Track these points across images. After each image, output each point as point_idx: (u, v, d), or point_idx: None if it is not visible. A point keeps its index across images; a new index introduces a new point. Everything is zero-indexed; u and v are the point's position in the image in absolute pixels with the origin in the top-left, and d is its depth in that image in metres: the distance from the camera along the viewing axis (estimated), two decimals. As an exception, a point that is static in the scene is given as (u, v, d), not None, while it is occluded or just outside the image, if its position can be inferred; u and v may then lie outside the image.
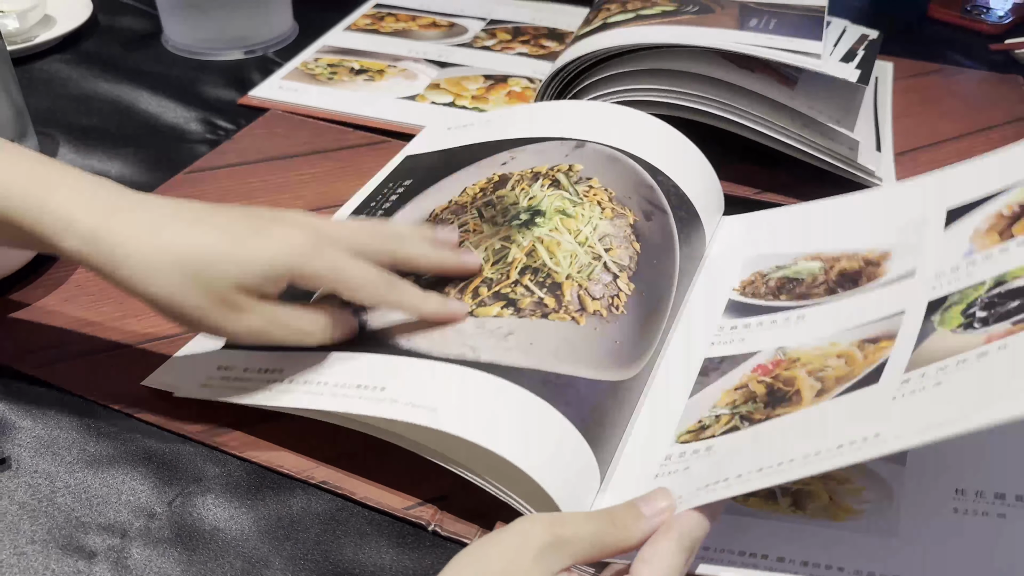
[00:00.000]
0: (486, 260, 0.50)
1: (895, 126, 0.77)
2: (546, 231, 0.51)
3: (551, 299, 0.47)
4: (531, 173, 0.56)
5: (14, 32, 0.85)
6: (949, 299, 0.43)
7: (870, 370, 0.41)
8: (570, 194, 0.53)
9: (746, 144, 0.68)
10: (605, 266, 0.49)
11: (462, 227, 0.53)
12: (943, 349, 0.39)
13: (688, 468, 0.42)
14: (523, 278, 0.48)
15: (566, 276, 0.48)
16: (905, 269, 0.48)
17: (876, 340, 0.44)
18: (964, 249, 0.46)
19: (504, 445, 0.39)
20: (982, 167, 0.53)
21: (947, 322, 0.41)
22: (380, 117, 0.77)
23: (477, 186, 0.57)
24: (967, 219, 0.49)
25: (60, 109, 0.78)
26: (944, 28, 0.99)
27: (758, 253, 0.57)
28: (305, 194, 0.67)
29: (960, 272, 0.44)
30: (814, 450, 0.36)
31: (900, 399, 0.37)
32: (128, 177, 0.69)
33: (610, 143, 0.59)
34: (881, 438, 0.35)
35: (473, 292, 0.48)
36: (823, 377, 0.43)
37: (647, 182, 0.56)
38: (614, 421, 0.44)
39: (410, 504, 0.44)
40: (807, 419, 0.41)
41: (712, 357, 0.49)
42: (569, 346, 0.45)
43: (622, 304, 0.48)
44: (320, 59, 0.87)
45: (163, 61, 0.87)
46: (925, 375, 0.38)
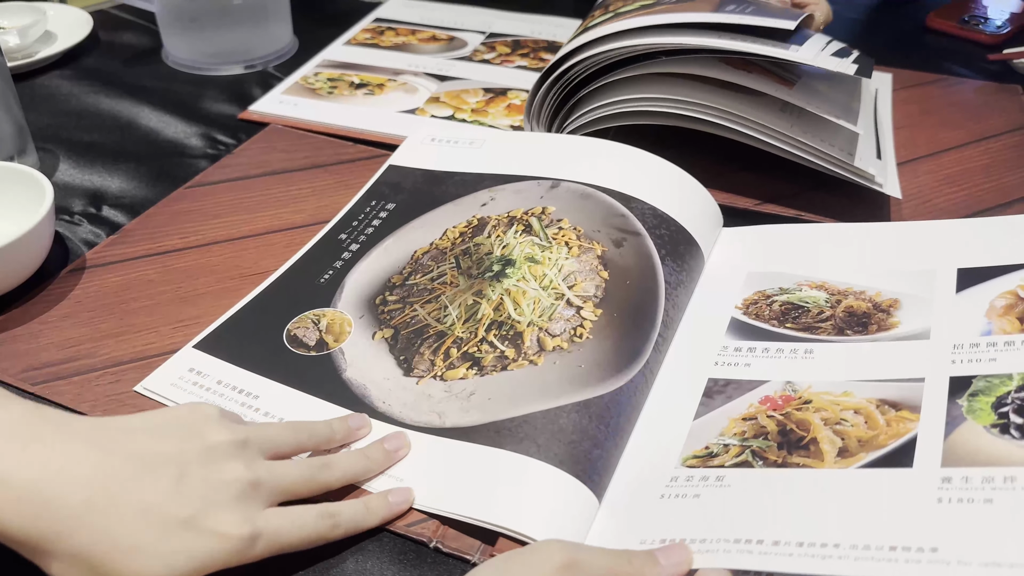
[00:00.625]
0: (459, 317, 0.53)
1: (896, 136, 0.77)
2: (514, 281, 0.55)
3: (511, 350, 0.51)
4: (507, 218, 0.60)
5: (15, 48, 0.86)
6: (974, 384, 0.44)
7: (898, 445, 0.42)
8: (540, 239, 0.57)
9: (746, 154, 0.68)
10: (568, 302, 0.53)
11: (439, 277, 0.56)
12: (982, 452, 0.40)
13: (699, 496, 0.42)
14: (489, 334, 0.52)
15: (528, 323, 0.52)
16: (919, 328, 0.49)
17: (896, 405, 0.44)
18: (981, 327, 0.48)
19: (467, 505, 0.43)
20: (995, 229, 0.55)
21: (977, 415, 0.42)
22: (380, 131, 0.77)
23: (457, 229, 0.60)
24: (980, 289, 0.51)
25: (61, 125, 0.78)
26: (942, 38, 0.99)
27: (761, 270, 0.58)
28: (306, 208, 0.67)
29: (980, 351, 0.46)
30: (862, 541, 0.37)
31: (947, 504, 0.38)
32: (129, 192, 0.69)
33: (585, 180, 0.62)
34: (940, 557, 0.35)
35: (444, 353, 0.51)
36: (843, 432, 0.43)
37: (618, 212, 0.59)
38: (593, 435, 0.45)
39: (412, 521, 0.44)
40: (838, 485, 0.41)
41: (716, 378, 0.49)
42: (524, 389, 0.48)
43: (586, 331, 0.51)
44: (320, 73, 0.87)
45: (163, 76, 0.87)
46: (969, 481, 0.38)
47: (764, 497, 0.41)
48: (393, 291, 0.56)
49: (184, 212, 0.67)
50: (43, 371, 0.52)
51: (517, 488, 0.43)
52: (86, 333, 0.55)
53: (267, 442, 0.42)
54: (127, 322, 0.56)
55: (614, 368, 0.49)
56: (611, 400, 0.47)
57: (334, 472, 0.43)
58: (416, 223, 0.62)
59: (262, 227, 0.65)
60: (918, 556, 0.35)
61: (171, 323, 0.56)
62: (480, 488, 0.43)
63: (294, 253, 0.61)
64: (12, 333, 0.55)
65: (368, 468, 0.44)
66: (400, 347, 0.52)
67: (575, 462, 0.44)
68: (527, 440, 0.45)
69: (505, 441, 0.45)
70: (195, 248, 0.63)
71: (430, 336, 0.53)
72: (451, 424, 0.47)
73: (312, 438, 0.45)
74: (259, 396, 0.49)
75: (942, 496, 0.38)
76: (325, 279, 0.58)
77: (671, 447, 0.46)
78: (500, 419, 0.46)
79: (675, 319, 0.54)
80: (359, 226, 0.63)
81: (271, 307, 0.56)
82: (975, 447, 0.40)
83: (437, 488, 0.44)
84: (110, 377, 0.52)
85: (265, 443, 0.42)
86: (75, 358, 0.53)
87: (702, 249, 0.59)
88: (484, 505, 0.42)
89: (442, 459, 0.45)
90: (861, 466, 0.41)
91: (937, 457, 0.40)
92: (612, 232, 0.58)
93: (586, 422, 0.46)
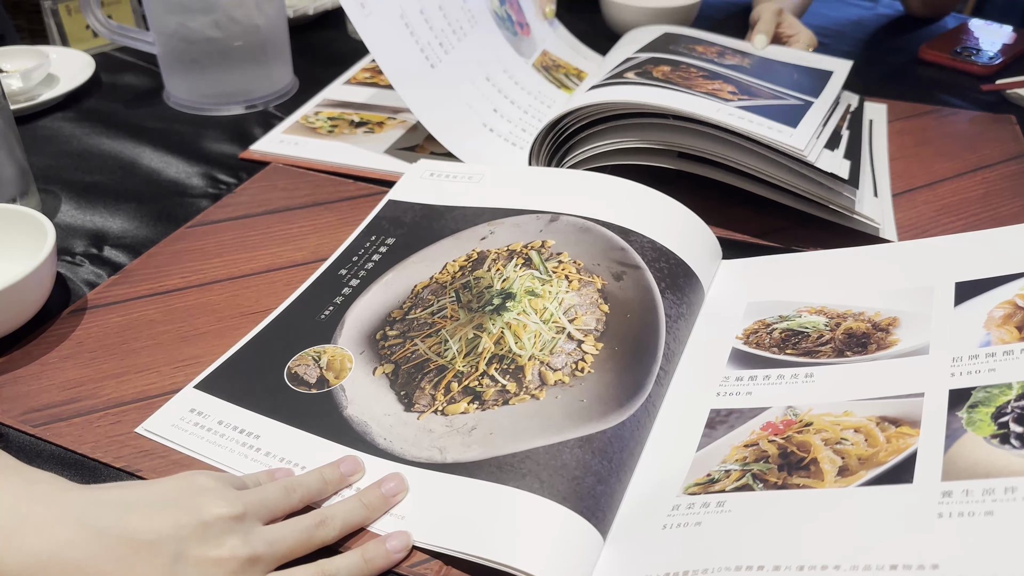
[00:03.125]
0: (459, 351, 0.53)
1: (892, 167, 0.78)
2: (514, 315, 0.55)
3: (513, 384, 0.51)
4: (507, 251, 0.60)
5: (18, 91, 0.86)
6: (974, 395, 0.43)
7: (898, 460, 0.41)
8: (540, 272, 0.58)
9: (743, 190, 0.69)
10: (568, 336, 0.53)
11: (440, 311, 0.56)
12: (982, 463, 0.39)
13: (700, 524, 0.41)
14: (490, 368, 0.52)
15: (529, 357, 0.52)
16: (918, 343, 0.49)
17: (896, 422, 0.44)
18: (980, 338, 0.47)
19: (463, 541, 0.42)
20: (991, 242, 0.55)
21: (978, 425, 0.41)
22: (381, 168, 0.77)
23: (456, 263, 0.60)
24: (979, 301, 0.50)
25: (62, 166, 0.79)
26: (936, 70, 1.00)
27: (760, 300, 0.58)
28: (307, 245, 0.67)
29: (979, 363, 0.45)
30: (863, 561, 0.36)
31: (947, 519, 0.37)
32: (131, 232, 0.70)
33: (584, 213, 0.63)
34: (942, 573, 0.35)
35: (445, 388, 0.51)
36: (843, 452, 0.43)
37: (618, 245, 0.59)
38: (596, 471, 0.45)
39: (414, 561, 0.43)
40: (838, 505, 0.40)
41: (719, 409, 0.49)
42: (526, 424, 0.48)
43: (588, 365, 0.51)
44: (320, 112, 0.88)
45: (165, 117, 0.88)
46: (969, 494, 0.38)
47: (765, 520, 0.40)
48: (393, 326, 0.56)
49: (185, 251, 0.67)
50: (44, 412, 0.52)
51: (521, 525, 0.42)
52: (87, 374, 0.55)
53: (263, 509, 0.42)
54: (128, 362, 0.56)
55: (616, 402, 0.49)
56: (614, 435, 0.47)
57: (331, 528, 0.43)
58: (415, 257, 0.62)
59: (263, 265, 0.65)
60: (919, 573, 0.35)
61: (172, 363, 0.56)
62: (483, 525, 0.43)
63: (295, 290, 0.61)
64: (14, 375, 0.55)
65: (366, 516, 0.44)
66: (401, 382, 0.52)
67: (579, 498, 0.43)
68: (530, 476, 0.44)
69: (507, 477, 0.45)
70: (196, 287, 0.63)
71: (431, 370, 0.52)
72: (452, 459, 0.47)
73: (306, 494, 0.44)
74: (260, 436, 0.49)
75: (942, 511, 0.37)
76: (325, 315, 0.58)
77: (674, 479, 0.46)
78: (502, 454, 0.46)
79: (676, 352, 0.54)
80: (359, 261, 0.63)
81: (271, 345, 0.56)
82: (975, 459, 0.40)
83: (439, 525, 0.44)
84: (111, 418, 0.51)
85: (261, 510, 0.42)
86: (76, 399, 0.53)
87: (702, 282, 0.59)
88: (488, 542, 0.42)
89: (444, 495, 0.45)
90: (861, 484, 0.41)
91: (937, 471, 0.40)
92: (612, 265, 0.58)
93: (589, 457, 0.45)
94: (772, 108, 0.69)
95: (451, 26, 0.83)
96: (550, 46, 0.96)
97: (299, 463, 0.48)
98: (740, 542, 0.40)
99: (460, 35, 0.83)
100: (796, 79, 0.78)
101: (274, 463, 0.48)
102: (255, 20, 0.86)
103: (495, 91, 0.83)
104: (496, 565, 0.41)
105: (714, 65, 0.77)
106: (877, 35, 1.11)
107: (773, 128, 0.65)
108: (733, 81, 0.74)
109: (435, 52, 0.80)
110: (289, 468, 0.47)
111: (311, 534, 0.42)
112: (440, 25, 0.82)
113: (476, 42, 0.85)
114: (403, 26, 0.78)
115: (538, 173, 0.70)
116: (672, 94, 0.68)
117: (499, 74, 0.85)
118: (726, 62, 0.79)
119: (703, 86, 0.71)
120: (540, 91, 0.87)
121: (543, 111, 0.85)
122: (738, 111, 0.66)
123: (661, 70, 0.74)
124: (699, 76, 0.74)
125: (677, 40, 0.84)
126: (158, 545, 0.38)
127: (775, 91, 0.74)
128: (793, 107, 0.71)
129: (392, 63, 0.75)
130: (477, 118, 0.79)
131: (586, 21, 1.11)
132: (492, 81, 0.84)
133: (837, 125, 0.74)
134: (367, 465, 0.47)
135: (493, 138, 0.78)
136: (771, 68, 0.81)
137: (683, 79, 0.72)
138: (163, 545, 0.38)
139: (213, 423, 0.50)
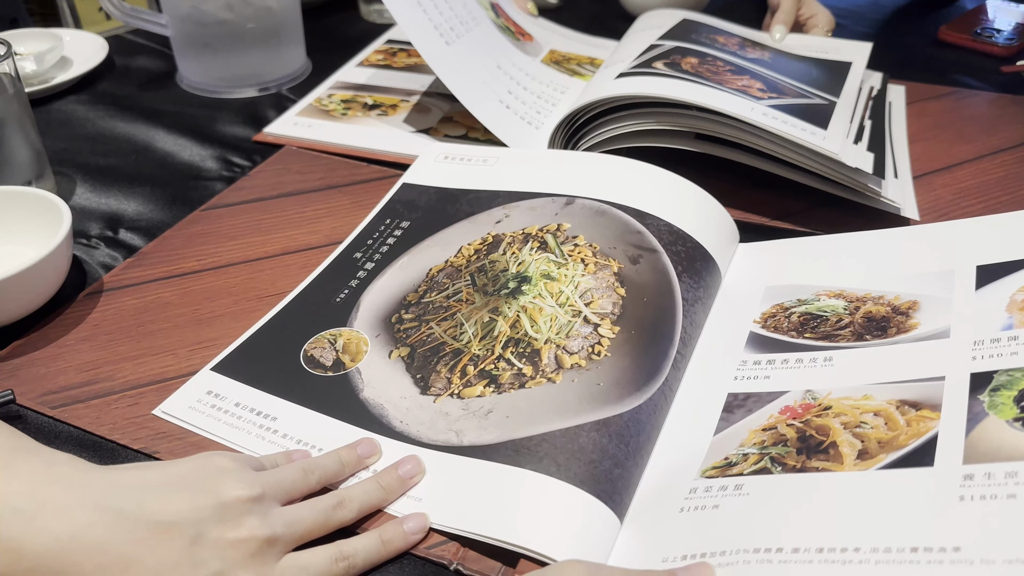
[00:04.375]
0: (475, 335, 0.53)
1: (910, 150, 0.77)
2: (530, 298, 0.54)
3: (529, 367, 0.51)
4: (522, 235, 0.60)
5: (31, 74, 0.86)
6: (996, 378, 0.43)
7: (918, 444, 0.41)
8: (556, 256, 0.57)
9: (760, 171, 0.68)
10: (585, 319, 0.53)
11: (455, 295, 0.56)
12: (1005, 447, 0.39)
13: (717, 507, 0.41)
14: (506, 351, 0.52)
15: (545, 341, 0.52)
16: (938, 327, 0.48)
17: (917, 405, 0.43)
18: (1002, 322, 0.46)
19: (481, 524, 0.42)
20: (1013, 225, 0.54)
21: (1000, 409, 0.41)
22: (394, 151, 0.77)
23: (472, 247, 0.60)
24: (1000, 284, 0.49)
25: (77, 149, 0.79)
26: (954, 51, 0.99)
27: (778, 283, 0.57)
28: (321, 228, 0.67)
29: (1002, 346, 0.45)
30: (883, 544, 0.36)
31: (969, 502, 0.37)
32: (146, 215, 0.70)
33: (599, 196, 0.62)
34: (963, 556, 0.34)
35: (461, 371, 0.51)
36: (862, 435, 0.43)
37: (634, 228, 0.59)
38: (613, 454, 0.45)
39: (433, 543, 0.43)
40: (857, 487, 0.40)
41: (736, 393, 0.49)
42: (543, 407, 0.48)
43: (604, 349, 0.51)
44: (333, 95, 0.88)
45: (178, 100, 0.88)
46: (991, 477, 0.37)
47: (783, 503, 0.40)
48: (408, 309, 0.56)
49: (200, 234, 0.67)
50: (62, 394, 0.52)
51: (538, 508, 0.42)
52: (104, 356, 0.55)
53: (280, 490, 0.42)
54: (144, 345, 0.56)
55: (633, 386, 0.49)
56: (630, 418, 0.47)
57: (349, 510, 0.43)
58: (430, 241, 0.62)
59: (278, 248, 0.65)
60: (940, 556, 0.34)
61: (188, 345, 0.56)
62: (500, 507, 0.43)
63: (310, 273, 0.61)
64: (31, 357, 0.55)
65: (383, 498, 0.44)
66: (417, 365, 0.52)
67: (596, 482, 0.43)
68: (547, 459, 0.44)
69: (524, 460, 0.45)
70: (211, 270, 0.63)
71: (446, 354, 0.52)
72: (469, 442, 0.47)
73: (324, 476, 0.44)
74: (277, 418, 0.49)
75: (964, 494, 0.37)
76: (341, 298, 0.58)
77: (691, 462, 0.45)
78: (519, 437, 0.46)
79: (693, 336, 0.54)
80: (374, 244, 0.63)
81: (288, 328, 0.56)
82: (998, 442, 0.39)
83: (456, 507, 0.44)
84: (128, 400, 0.52)
85: (279, 491, 0.42)
86: (93, 381, 0.53)
87: (719, 265, 0.59)
88: (504, 525, 0.42)
89: (461, 478, 0.45)
90: (881, 467, 0.40)
91: (958, 454, 0.39)
92: (628, 249, 0.58)
93: (606, 441, 0.45)
94: (800, 107, 0.69)
95: (457, 17, 0.83)
96: (556, 45, 0.95)
97: (316, 445, 0.48)
98: (758, 524, 0.39)
99: (468, 27, 0.83)
100: (816, 75, 0.78)
101: (291, 445, 0.48)
102: (268, 2, 0.86)
103: (507, 77, 0.82)
104: (513, 547, 0.41)
105: (738, 59, 0.77)
106: (896, 16, 1.10)
107: (807, 130, 0.65)
108: (760, 77, 0.74)
109: (447, 33, 0.80)
110: (306, 450, 0.47)
111: (329, 515, 0.42)
112: (448, 14, 0.81)
113: (481, 39, 0.84)
114: (417, 3, 0.77)
115: (553, 155, 0.70)
116: (706, 90, 0.67)
117: (509, 66, 0.84)
118: (748, 55, 0.79)
119: (733, 82, 0.70)
120: (552, 80, 0.87)
121: (557, 97, 0.84)
122: (771, 111, 0.66)
123: (689, 62, 0.73)
124: (726, 71, 0.73)
125: (697, 29, 0.83)
126: (177, 527, 0.38)
127: (801, 89, 0.73)
128: (819, 106, 0.70)
129: (415, 30, 0.75)
130: (494, 95, 0.78)
131: (599, 2, 1.11)
132: (503, 69, 0.83)
133: (860, 117, 0.73)
134: (384, 448, 0.47)
135: (510, 115, 0.78)
136: (790, 63, 0.81)
137: (712, 73, 0.72)
138: (182, 527, 0.38)
139: (230, 405, 0.50)
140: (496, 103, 0.78)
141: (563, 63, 0.91)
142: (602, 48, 0.97)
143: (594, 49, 0.97)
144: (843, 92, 0.75)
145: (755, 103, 0.67)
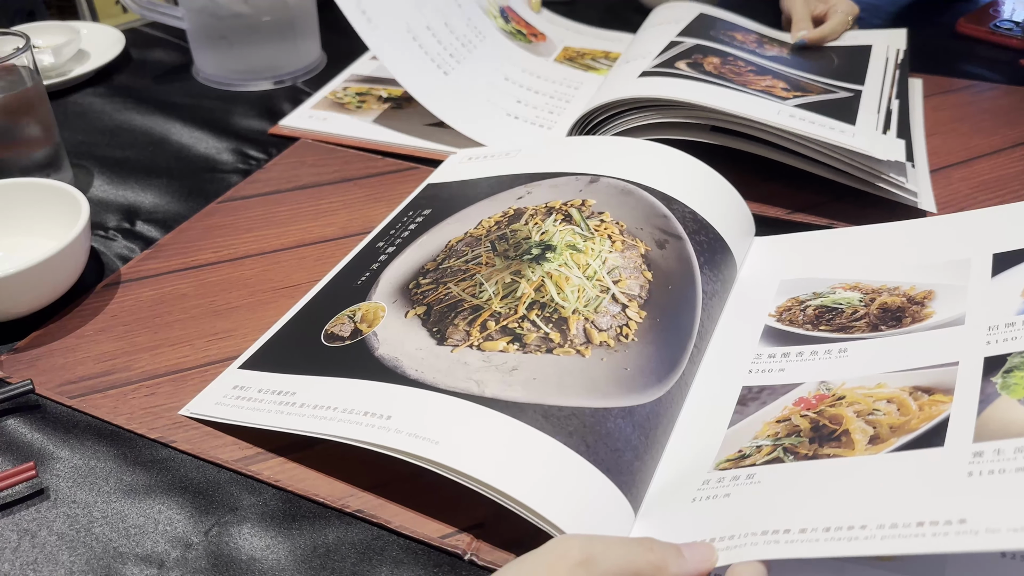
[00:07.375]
0: (496, 294, 0.52)
1: (928, 143, 0.76)
2: (555, 266, 0.53)
3: (556, 334, 0.49)
4: (545, 208, 0.58)
5: (49, 67, 0.87)
6: (1009, 360, 0.42)
7: (930, 426, 0.40)
8: (581, 229, 0.55)
9: (775, 163, 0.68)
10: (613, 297, 0.51)
11: (474, 259, 0.55)
12: (1016, 424, 0.38)
13: (729, 496, 0.41)
14: (530, 313, 0.50)
15: (572, 311, 0.50)
16: (953, 314, 0.48)
17: (930, 391, 0.43)
18: (1018, 306, 0.46)
19: (501, 477, 0.41)
20: None
21: (1012, 389, 0.40)
22: (409, 144, 0.77)
23: (492, 219, 0.59)
24: (1017, 271, 0.49)
25: (94, 141, 0.79)
26: (973, 44, 0.98)
27: (793, 277, 0.57)
28: (336, 221, 0.67)
29: (1016, 330, 0.44)
30: (889, 520, 0.36)
31: (978, 477, 0.36)
32: (162, 207, 0.70)
33: (624, 176, 0.61)
34: (969, 527, 0.34)
35: (481, 325, 0.49)
36: (875, 422, 0.42)
37: (661, 212, 0.57)
38: (635, 446, 0.44)
39: (446, 533, 0.43)
40: (867, 469, 0.40)
41: (751, 386, 0.49)
42: (572, 379, 0.46)
43: (632, 332, 0.49)
44: (348, 88, 0.88)
45: (194, 93, 0.89)
46: (1001, 452, 0.37)
47: (793, 488, 0.40)
48: (427, 275, 0.55)
49: (216, 226, 0.67)
50: (80, 384, 0.53)
51: (562, 482, 0.41)
52: (121, 347, 0.55)
53: None
54: (162, 336, 0.56)
55: (655, 376, 0.48)
56: (652, 410, 0.46)
57: None
58: (451, 219, 0.61)
59: (293, 240, 0.66)
60: (946, 529, 0.34)
61: (205, 336, 0.56)
62: (523, 468, 0.41)
63: (325, 265, 0.61)
64: (49, 347, 0.55)
65: None
66: (433, 320, 0.51)
67: (619, 472, 0.43)
68: (576, 436, 0.43)
69: (555, 430, 0.43)
70: (228, 262, 0.63)
71: (465, 309, 0.51)
72: (492, 395, 0.45)
73: None
74: (295, 393, 0.49)
75: (972, 470, 0.37)
76: (362, 281, 0.58)
77: (706, 455, 0.45)
78: (547, 403, 0.44)
79: (709, 330, 0.53)
80: (395, 234, 0.62)
81: (310, 318, 0.56)
82: (1009, 419, 0.38)
83: (475, 456, 0.42)
84: (145, 390, 0.52)
85: None
86: (111, 371, 0.54)
87: (736, 259, 0.58)
88: (524, 487, 0.40)
89: (483, 428, 0.43)
90: (892, 451, 0.40)
91: (969, 434, 0.39)
92: (655, 232, 0.56)
93: (630, 431, 0.45)
94: (826, 104, 0.68)
95: (459, 40, 0.83)
96: (570, 42, 0.95)
97: (331, 405, 0.47)
98: (768, 509, 0.39)
99: (470, 48, 0.83)
100: (838, 65, 0.78)
101: (307, 412, 0.47)
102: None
103: (516, 87, 0.82)
104: (529, 513, 0.40)
105: (759, 57, 0.77)
106: (913, 9, 1.09)
107: (836, 128, 0.64)
108: (782, 76, 0.73)
109: (446, 62, 0.80)
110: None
111: None
112: (448, 40, 0.82)
113: (488, 52, 0.84)
114: (411, 39, 0.78)
115: (575, 141, 0.69)
116: (734, 95, 0.67)
117: (518, 73, 0.84)
118: (767, 53, 0.79)
119: (756, 83, 0.70)
120: (565, 78, 0.87)
121: (570, 94, 0.84)
122: (798, 111, 0.66)
123: (711, 62, 0.73)
124: (749, 71, 0.73)
125: (715, 25, 0.83)
126: None
127: (824, 84, 0.73)
128: (845, 100, 0.70)
129: (404, 71, 0.75)
130: (500, 110, 0.78)
131: (615, -5, 1.10)
132: (511, 80, 0.83)
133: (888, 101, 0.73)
134: (399, 396, 0.46)
135: (520, 124, 0.78)
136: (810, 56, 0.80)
137: (735, 74, 0.71)
138: None
139: (254, 393, 0.50)
140: (503, 117, 0.78)
141: (577, 59, 0.91)
142: (617, 42, 0.97)
143: (609, 43, 0.96)
144: (867, 78, 0.74)
145: (781, 105, 0.66)
